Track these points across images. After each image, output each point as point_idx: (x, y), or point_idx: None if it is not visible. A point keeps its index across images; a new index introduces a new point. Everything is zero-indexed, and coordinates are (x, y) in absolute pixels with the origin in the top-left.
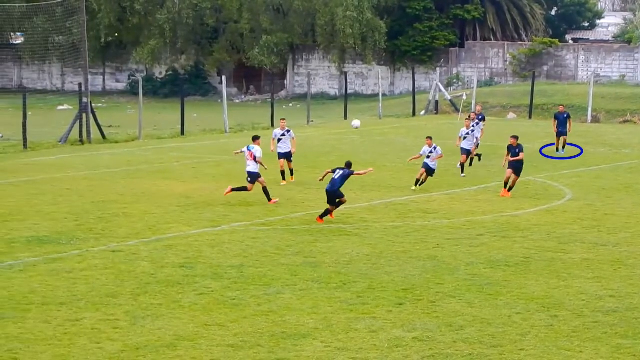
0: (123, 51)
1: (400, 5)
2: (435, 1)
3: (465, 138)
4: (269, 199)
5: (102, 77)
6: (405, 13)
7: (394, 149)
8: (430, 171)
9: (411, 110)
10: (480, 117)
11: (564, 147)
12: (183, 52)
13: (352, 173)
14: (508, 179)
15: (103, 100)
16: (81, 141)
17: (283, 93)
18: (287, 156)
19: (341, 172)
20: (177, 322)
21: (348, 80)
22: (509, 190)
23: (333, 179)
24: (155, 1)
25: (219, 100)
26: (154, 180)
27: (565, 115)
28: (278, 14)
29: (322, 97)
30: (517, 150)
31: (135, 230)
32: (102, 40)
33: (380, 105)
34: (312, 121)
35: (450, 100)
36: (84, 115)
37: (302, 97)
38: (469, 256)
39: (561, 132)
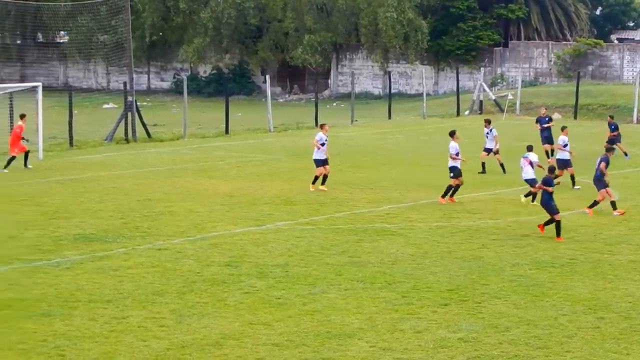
0: (168, 50)
1: (444, 5)
2: (479, 0)
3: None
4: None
5: (147, 75)
6: (448, 12)
7: (438, 149)
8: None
9: (455, 110)
10: (546, 119)
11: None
12: (227, 51)
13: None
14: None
15: (148, 99)
16: (126, 140)
17: (327, 92)
18: (327, 162)
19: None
20: (222, 320)
21: (392, 80)
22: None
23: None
24: (199, 0)
25: (263, 100)
26: (198, 178)
27: (547, 119)
28: (322, 13)
29: (366, 96)
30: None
31: (180, 229)
32: (147, 39)
33: (424, 104)
34: (356, 121)
35: (494, 100)
36: (129, 114)
37: (346, 97)
38: (515, 257)
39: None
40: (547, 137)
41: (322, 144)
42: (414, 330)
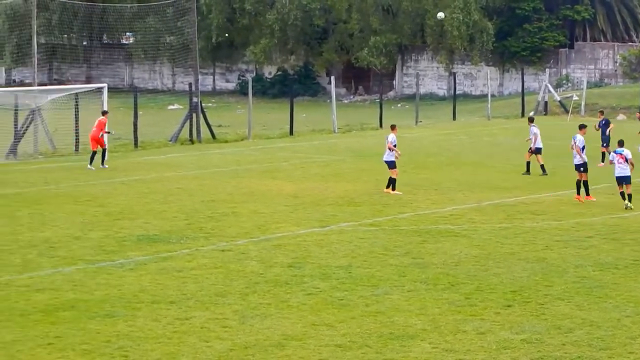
0: (233, 51)
1: (510, 6)
2: (545, 2)
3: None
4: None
5: (212, 77)
6: (514, 14)
7: (502, 150)
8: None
9: (520, 111)
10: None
11: None
12: (292, 52)
13: None
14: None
15: (213, 100)
16: (191, 140)
17: (391, 93)
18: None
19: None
20: (285, 321)
21: (457, 81)
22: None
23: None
24: (264, 2)
25: (328, 101)
26: (262, 179)
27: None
28: (387, 14)
29: (431, 97)
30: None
31: (244, 230)
32: (213, 40)
33: (489, 106)
34: (421, 122)
35: (559, 102)
36: (194, 115)
37: (411, 98)
38: (578, 258)
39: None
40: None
41: (395, 146)
42: (476, 332)
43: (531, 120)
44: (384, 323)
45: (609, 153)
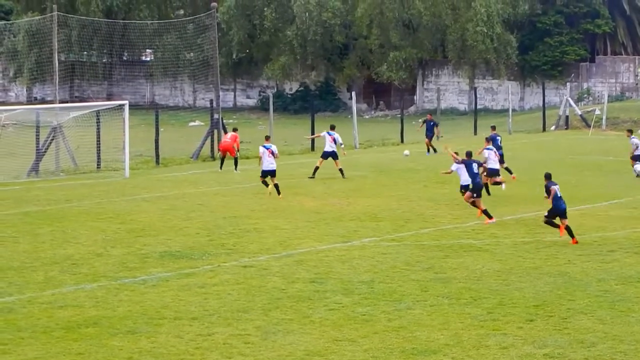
0: (254, 67)
1: (530, 20)
2: (566, 15)
3: None
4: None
5: (233, 93)
6: (535, 28)
7: (523, 165)
8: None
9: (541, 126)
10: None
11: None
12: (313, 68)
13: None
14: None
15: (234, 117)
16: (213, 157)
17: (412, 108)
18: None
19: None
20: (307, 337)
21: (478, 96)
22: None
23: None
24: (284, 18)
25: (349, 116)
26: (284, 195)
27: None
28: (407, 29)
29: (452, 112)
30: None
31: (266, 246)
32: (234, 56)
33: (510, 120)
34: (442, 136)
35: (580, 116)
36: (215, 132)
37: (432, 113)
38: (601, 272)
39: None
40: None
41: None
42: (499, 346)
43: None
44: (406, 338)
45: None
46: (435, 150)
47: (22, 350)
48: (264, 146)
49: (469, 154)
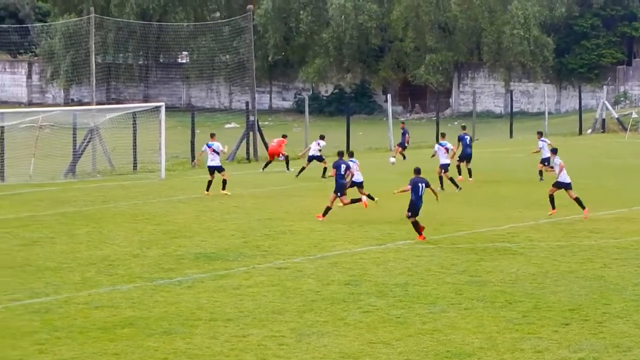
0: (289, 70)
1: (567, 23)
2: (603, 18)
3: None
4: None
5: (269, 95)
6: (572, 30)
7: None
8: None
9: (577, 129)
10: None
11: None
12: (349, 71)
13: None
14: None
15: (270, 119)
16: (248, 159)
17: (448, 111)
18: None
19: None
20: (342, 339)
21: (513, 99)
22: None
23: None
24: (320, 21)
25: (384, 119)
26: (319, 197)
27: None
28: (443, 32)
29: (488, 115)
30: None
31: (300, 248)
32: (270, 59)
33: (546, 123)
34: (477, 139)
35: (617, 119)
36: (251, 134)
37: (467, 115)
38: (637, 276)
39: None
40: None
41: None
42: (534, 350)
43: (540, 134)
44: (441, 341)
45: None
46: (404, 157)
47: (59, 350)
48: (208, 144)
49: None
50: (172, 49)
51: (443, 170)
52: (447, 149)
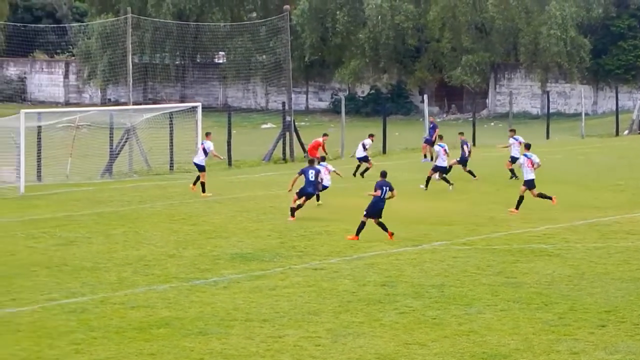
0: (326, 70)
1: (604, 24)
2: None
3: None
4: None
5: (305, 95)
6: (609, 31)
7: (596, 169)
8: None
9: (614, 130)
10: None
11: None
12: (385, 71)
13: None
14: None
15: (306, 119)
16: (284, 159)
17: (484, 112)
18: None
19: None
20: (378, 340)
21: (550, 100)
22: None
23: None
24: (357, 21)
25: (421, 119)
26: (355, 198)
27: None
28: (480, 32)
29: (524, 116)
30: None
31: (337, 249)
32: (306, 59)
33: (583, 124)
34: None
35: None
36: (288, 134)
37: (504, 116)
38: None
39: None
40: None
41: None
42: (570, 352)
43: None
44: (476, 342)
45: None
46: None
47: (95, 350)
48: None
49: (383, 174)
50: (208, 49)
51: (437, 172)
52: (445, 151)
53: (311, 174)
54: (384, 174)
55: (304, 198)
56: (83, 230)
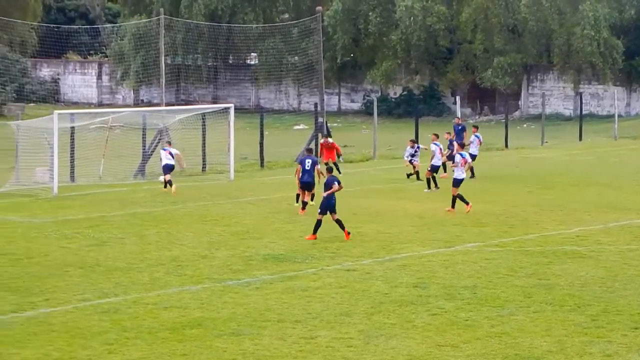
0: (358, 71)
1: (637, 25)
2: None
3: None
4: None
5: (337, 97)
6: None
7: (629, 171)
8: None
9: None
10: None
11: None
12: (417, 72)
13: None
14: None
15: (338, 120)
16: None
17: (517, 114)
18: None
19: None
20: (410, 342)
21: (583, 101)
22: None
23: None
24: (389, 22)
25: (453, 121)
26: (387, 199)
27: (460, 127)
28: (512, 34)
29: (557, 117)
30: None
31: (369, 250)
32: (338, 60)
33: (616, 126)
34: (546, 142)
35: None
36: (320, 135)
37: (537, 118)
38: None
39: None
40: None
41: None
42: (603, 354)
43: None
44: (509, 344)
45: None
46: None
47: (128, 351)
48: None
49: (329, 170)
50: (241, 50)
51: (432, 172)
52: (441, 150)
53: (308, 163)
54: (330, 170)
55: (305, 192)
56: (116, 230)
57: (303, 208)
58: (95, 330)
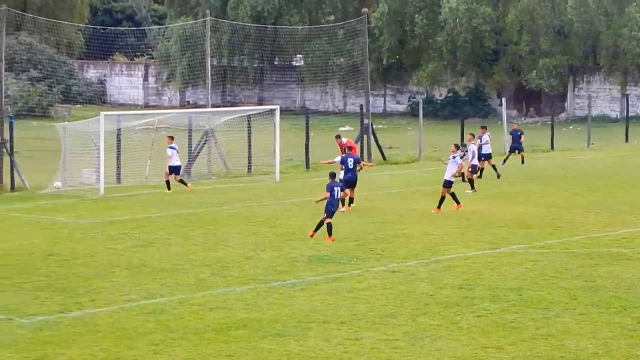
0: (403, 73)
1: None
2: None
3: None
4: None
5: (382, 98)
6: None
7: None
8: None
9: None
10: None
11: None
12: (463, 74)
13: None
14: None
15: (383, 122)
16: None
17: (563, 115)
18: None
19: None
20: (455, 343)
21: (630, 103)
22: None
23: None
24: (434, 24)
25: (499, 122)
26: (432, 201)
27: (519, 133)
28: (559, 35)
29: (603, 119)
30: None
31: (414, 251)
32: (384, 62)
33: None
34: (593, 144)
35: None
36: (365, 137)
37: (583, 120)
38: None
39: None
40: None
41: None
42: None
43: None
44: (554, 346)
45: None
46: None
47: (173, 351)
48: (171, 147)
49: (332, 175)
50: (286, 52)
51: (473, 172)
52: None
53: (350, 162)
54: (332, 175)
55: (348, 189)
56: (162, 231)
57: (349, 204)
58: (140, 331)
